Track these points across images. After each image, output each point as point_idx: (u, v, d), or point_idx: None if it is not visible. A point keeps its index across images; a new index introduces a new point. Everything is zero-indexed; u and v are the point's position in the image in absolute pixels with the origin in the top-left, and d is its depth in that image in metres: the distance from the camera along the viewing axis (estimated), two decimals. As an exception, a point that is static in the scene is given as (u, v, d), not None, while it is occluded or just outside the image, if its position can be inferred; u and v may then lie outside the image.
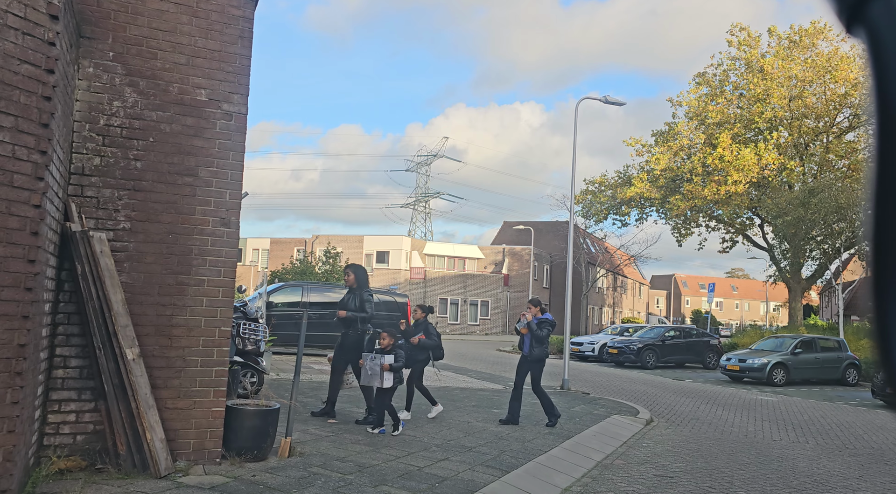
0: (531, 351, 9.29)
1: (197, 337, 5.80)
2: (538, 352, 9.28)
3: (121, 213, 5.60)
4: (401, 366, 7.95)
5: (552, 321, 9.48)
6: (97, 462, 5.30)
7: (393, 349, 7.96)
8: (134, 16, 5.66)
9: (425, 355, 9.21)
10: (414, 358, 8.99)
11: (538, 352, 9.28)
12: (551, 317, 9.57)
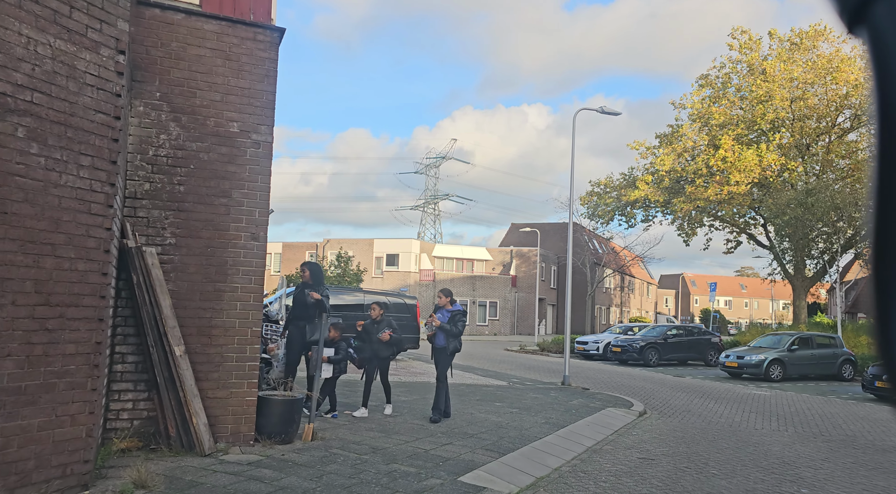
0: (448, 343, 9.31)
1: (232, 337, 6.73)
2: (454, 345, 9.34)
3: (167, 231, 6.54)
4: (340, 359, 8.62)
5: (463, 311, 9.56)
6: (151, 442, 6.23)
7: (336, 343, 8.69)
8: (177, 61, 6.59)
9: (390, 351, 9.40)
10: (380, 354, 9.23)
11: (454, 345, 9.34)
12: (461, 308, 9.61)
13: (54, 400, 4.71)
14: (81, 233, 4.91)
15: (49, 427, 4.67)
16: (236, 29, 6.81)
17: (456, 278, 47.92)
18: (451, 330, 9.25)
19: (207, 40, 6.71)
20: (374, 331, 9.20)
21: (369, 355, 9.25)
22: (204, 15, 6.70)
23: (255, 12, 6.94)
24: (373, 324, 9.29)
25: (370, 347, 9.21)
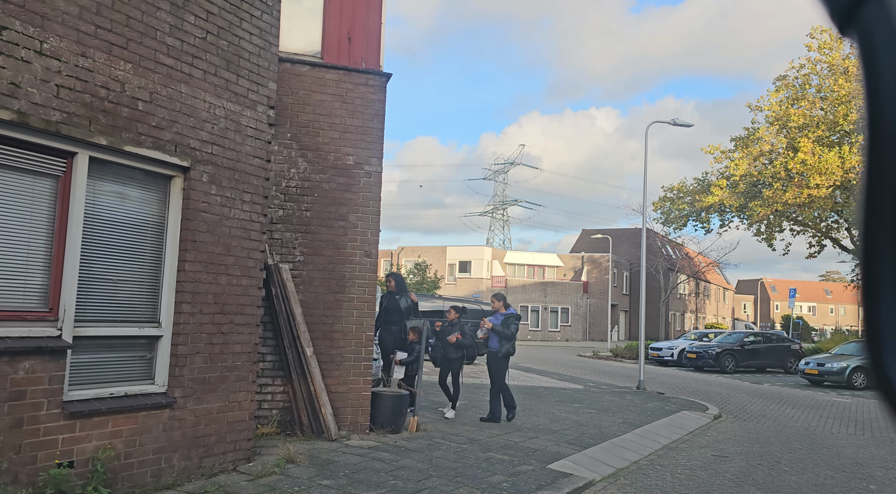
0: (501, 347, 9.61)
1: (350, 340, 7.85)
2: (507, 348, 9.61)
3: (297, 250, 7.74)
4: (412, 361, 9.10)
5: (517, 315, 9.95)
6: (287, 429, 7.42)
7: (411, 345, 9.27)
8: (303, 106, 7.80)
9: (460, 353, 9.68)
10: (448, 356, 9.57)
11: (507, 348, 9.61)
12: (515, 312, 10.00)
13: (227, 389, 5.90)
14: (244, 256, 6.11)
15: (224, 411, 5.87)
16: (351, 76, 7.96)
17: (527, 284, 48.52)
18: (502, 332, 9.55)
19: (328, 87, 7.89)
20: (447, 334, 9.69)
21: (440, 355, 9.80)
22: (325, 66, 7.89)
23: (367, 61, 8.08)
24: (448, 327, 9.77)
25: (442, 348, 9.78)
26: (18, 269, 4.56)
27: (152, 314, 5.47)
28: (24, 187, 4.60)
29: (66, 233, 4.78)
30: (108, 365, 5.14)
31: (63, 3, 4.62)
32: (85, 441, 4.74)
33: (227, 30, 5.92)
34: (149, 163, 5.31)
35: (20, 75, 4.38)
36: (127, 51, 5.06)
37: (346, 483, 5.79)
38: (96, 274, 5.04)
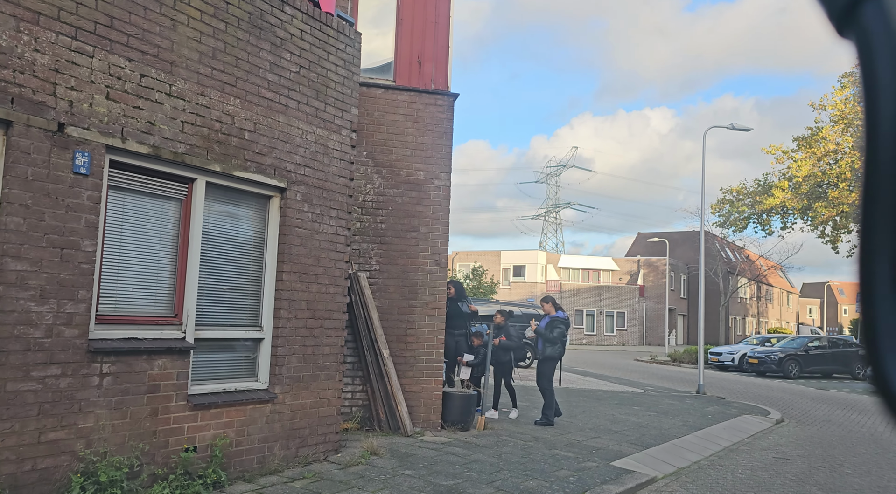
0: (544, 350, 9.93)
1: (422, 343, 8.43)
2: (551, 351, 9.87)
3: (373, 260, 8.37)
4: (478, 363, 9.48)
5: (564, 319, 10.15)
6: (366, 425, 8.05)
7: (476, 349, 9.71)
8: (378, 126, 8.44)
9: (508, 356, 10.00)
10: (497, 359, 9.87)
11: (551, 351, 9.87)
12: (563, 315, 10.21)
13: (318, 387, 6.56)
14: (332, 266, 6.76)
15: (316, 406, 6.52)
16: (421, 97, 8.57)
17: (582, 288, 48.40)
18: (545, 335, 9.87)
19: (400, 108, 8.51)
20: (495, 337, 9.98)
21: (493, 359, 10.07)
22: (397, 88, 8.52)
23: (436, 82, 8.67)
24: (496, 330, 10.07)
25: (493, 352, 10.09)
26: (152, 280, 5.30)
27: (255, 319, 6.17)
28: (156, 210, 5.35)
29: (188, 248, 5.51)
30: (220, 364, 5.85)
31: (187, 50, 5.35)
32: (205, 429, 5.45)
33: (317, 63, 6.59)
34: (253, 185, 6.02)
35: (155, 114, 5.12)
36: (236, 88, 5.78)
37: (426, 473, 6.35)
38: (211, 284, 5.76)
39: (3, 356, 4.22)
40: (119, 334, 4.97)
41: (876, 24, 0.54)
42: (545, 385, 9.90)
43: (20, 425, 4.29)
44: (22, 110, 4.32)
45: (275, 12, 6.14)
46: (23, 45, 4.34)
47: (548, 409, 9.74)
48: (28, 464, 4.32)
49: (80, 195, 4.64)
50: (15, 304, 4.29)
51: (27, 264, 4.35)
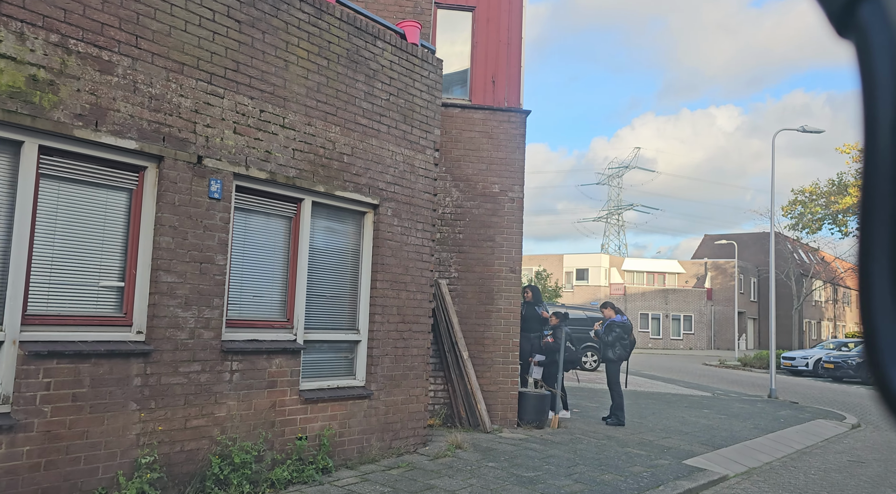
0: (604, 352, 10.44)
1: (499, 346, 8.97)
2: (611, 354, 10.27)
3: (452, 267, 8.97)
4: (548, 363, 9.82)
5: (621, 322, 10.41)
6: (448, 422, 8.64)
7: (547, 348, 10.03)
8: (455, 142, 9.05)
9: (553, 357, 10.07)
10: (549, 359, 10.13)
11: (611, 354, 10.27)
12: (620, 319, 10.47)
13: (408, 385, 7.19)
14: (418, 275, 7.39)
15: (406, 403, 7.16)
16: (495, 115, 9.12)
17: (647, 291, 47.82)
18: (602, 338, 10.44)
19: (476, 125, 9.09)
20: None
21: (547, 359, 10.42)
22: (473, 107, 9.10)
23: (509, 100, 9.21)
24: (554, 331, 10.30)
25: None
26: (268, 289, 6.05)
27: (353, 323, 6.85)
28: (271, 227, 6.10)
29: (297, 260, 6.23)
30: (324, 363, 6.55)
31: (296, 86, 6.09)
32: (313, 421, 6.15)
33: (405, 90, 7.25)
34: (350, 203, 6.71)
35: (271, 144, 5.87)
36: (336, 117, 6.48)
37: (508, 466, 6.88)
38: (316, 292, 6.47)
39: (158, 354, 5.01)
40: (244, 336, 5.72)
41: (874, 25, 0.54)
42: (613, 386, 10.29)
43: (171, 413, 5.07)
44: (171, 146, 5.12)
45: (368, 47, 6.82)
46: (171, 91, 5.13)
47: (618, 410, 10.10)
48: (178, 446, 5.09)
49: (213, 216, 5.41)
50: (167, 311, 5.08)
51: (175, 277, 5.14)
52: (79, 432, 4.53)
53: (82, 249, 4.81)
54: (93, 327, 4.79)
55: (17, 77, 4.28)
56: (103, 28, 4.72)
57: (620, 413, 10.06)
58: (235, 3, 5.59)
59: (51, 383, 4.41)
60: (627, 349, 10.50)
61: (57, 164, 4.62)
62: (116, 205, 5.01)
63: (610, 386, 10.22)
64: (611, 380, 10.20)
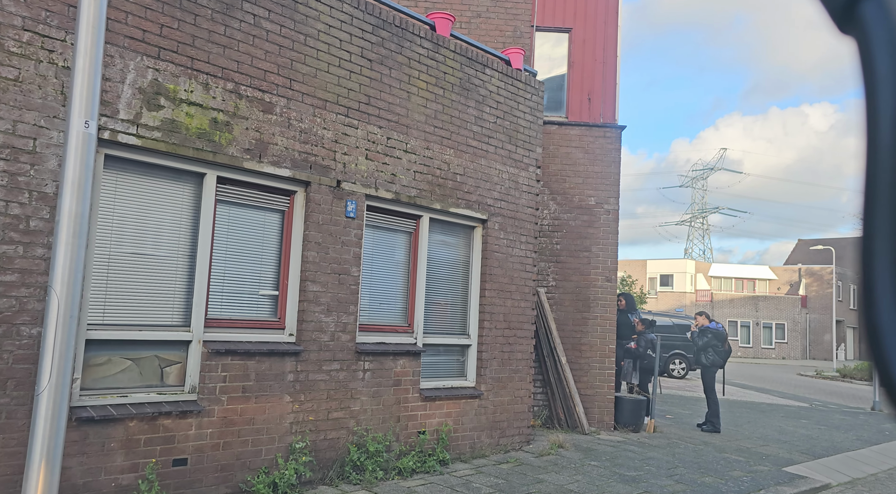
0: (698, 359, 10.75)
1: (595, 351, 9.36)
2: (704, 360, 10.58)
3: (550, 277, 9.44)
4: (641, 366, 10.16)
5: (715, 329, 10.54)
6: (547, 423, 9.11)
7: (631, 352, 10.24)
8: (552, 158, 9.53)
9: (630, 362, 10.44)
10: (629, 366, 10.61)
11: (704, 360, 10.58)
12: (714, 326, 10.63)
13: (513, 387, 7.72)
14: (522, 284, 7.92)
15: (511, 404, 7.69)
16: (591, 130, 9.54)
17: (735, 298, 46.31)
18: (696, 342, 10.79)
19: (572, 141, 9.54)
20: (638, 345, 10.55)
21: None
22: (570, 123, 9.56)
23: (604, 116, 9.60)
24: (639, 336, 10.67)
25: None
26: (394, 297, 6.75)
27: (464, 328, 7.46)
28: (395, 242, 6.79)
29: (416, 271, 6.90)
30: (440, 365, 7.18)
31: (417, 114, 6.77)
32: (431, 418, 6.79)
33: (510, 112, 7.81)
34: (462, 218, 7.32)
35: (396, 167, 6.56)
36: (450, 140, 7.12)
37: (610, 465, 7.28)
38: (432, 300, 7.12)
39: (306, 354, 5.77)
40: (373, 339, 6.42)
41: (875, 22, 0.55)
42: (708, 393, 10.45)
43: (316, 405, 5.82)
44: (316, 173, 5.89)
45: (478, 75, 7.43)
46: (316, 125, 5.90)
47: (713, 417, 10.24)
48: (322, 434, 5.84)
49: (349, 233, 6.14)
50: (312, 316, 5.83)
51: (319, 286, 5.89)
52: (247, 418, 5.33)
53: (246, 263, 5.64)
54: (255, 330, 5.60)
55: (203, 120, 5.14)
56: (265, 74, 5.54)
57: (716, 420, 10.20)
58: (367, 44, 6.33)
59: (226, 376, 5.23)
60: (722, 356, 10.66)
61: (229, 191, 5.46)
62: (272, 225, 5.82)
63: (706, 392, 10.39)
64: (706, 387, 10.38)
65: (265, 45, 5.54)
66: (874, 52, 0.55)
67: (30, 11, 4.28)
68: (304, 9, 5.83)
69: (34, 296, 4.26)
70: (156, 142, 4.87)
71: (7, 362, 4.13)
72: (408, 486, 5.88)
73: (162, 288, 5.07)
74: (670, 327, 22.06)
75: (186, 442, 4.96)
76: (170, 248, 5.14)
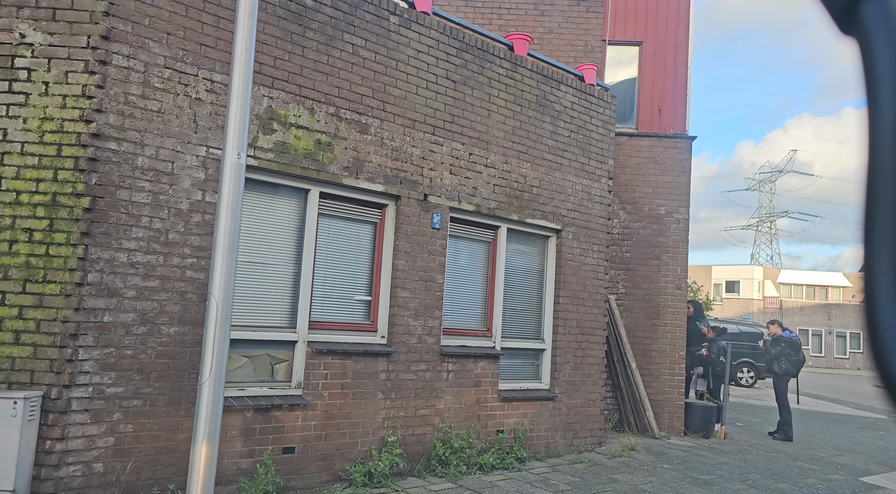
0: (771, 367, 10.68)
1: (665, 357, 9.53)
2: (777, 369, 10.54)
3: (620, 284, 9.68)
4: (701, 373, 10.16)
5: (788, 338, 10.43)
6: (617, 427, 9.34)
7: (703, 359, 10.22)
8: (623, 168, 9.76)
9: (703, 369, 10.41)
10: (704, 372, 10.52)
11: (777, 369, 10.54)
12: (788, 335, 10.51)
13: (585, 390, 8.01)
14: (594, 291, 8.21)
15: (584, 406, 7.98)
16: (661, 141, 9.73)
17: (806, 306, 44.75)
18: (768, 350, 10.85)
19: (642, 152, 9.75)
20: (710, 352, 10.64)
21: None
22: (640, 135, 9.77)
23: (675, 127, 9.77)
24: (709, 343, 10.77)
25: None
26: (474, 303, 7.17)
27: (538, 333, 7.80)
28: (475, 251, 7.21)
29: (495, 279, 7.30)
30: (516, 368, 7.56)
31: (496, 131, 7.17)
32: (509, 417, 7.16)
33: (583, 126, 8.12)
34: (538, 228, 7.68)
35: (477, 181, 6.98)
36: (527, 154, 7.49)
37: (682, 468, 7.48)
38: (508, 306, 7.50)
39: (396, 355, 6.24)
40: (455, 342, 6.85)
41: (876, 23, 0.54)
42: (781, 401, 10.45)
43: (405, 402, 6.28)
44: (405, 187, 6.37)
45: (553, 91, 7.78)
46: (406, 143, 6.39)
47: (786, 425, 10.22)
48: (410, 430, 6.30)
49: (435, 243, 6.60)
50: (402, 320, 6.31)
51: (408, 292, 6.36)
52: (345, 413, 5.84)
53: (343, 270, 6.17)
54: (350, 332, 6.11)
55: (309, 142, 5.69)
56: (362, 98, 6.06)
57: (788, 428, 10.18)
58: (452, 66, 6.78)
59: (327, 374, 5.75)
60: (795, 365, 10.62)
61: (329, 206, 6.00)
62: (365, 236, 6.33)
63: (778, 401, 10.38)
64: (779, 396, 10.38)
65: (362, 72, 6.07)
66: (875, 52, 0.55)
67: (170, 51, 4.91)
68: (396, 36, 6.33)
69: (171, 300, 4.87)
70: (269, 162, 5.44)
71: (151, 357, 4.75)
72: (489, 480, 6.27)
73: (272, 294, 5.64)
74: (738, 335, 21.73)
75: (294, 433, 5.50)
76: (279, 257, 5.71)
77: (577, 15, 9.61)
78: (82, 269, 4.47)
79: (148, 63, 4.80)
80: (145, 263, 4.75)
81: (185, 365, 4.91)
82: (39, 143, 4.51)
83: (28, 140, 4.51)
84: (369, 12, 6.14)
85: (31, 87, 4.54)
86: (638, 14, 9.97)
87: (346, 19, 5.97)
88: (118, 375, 4.60)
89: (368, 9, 6.14)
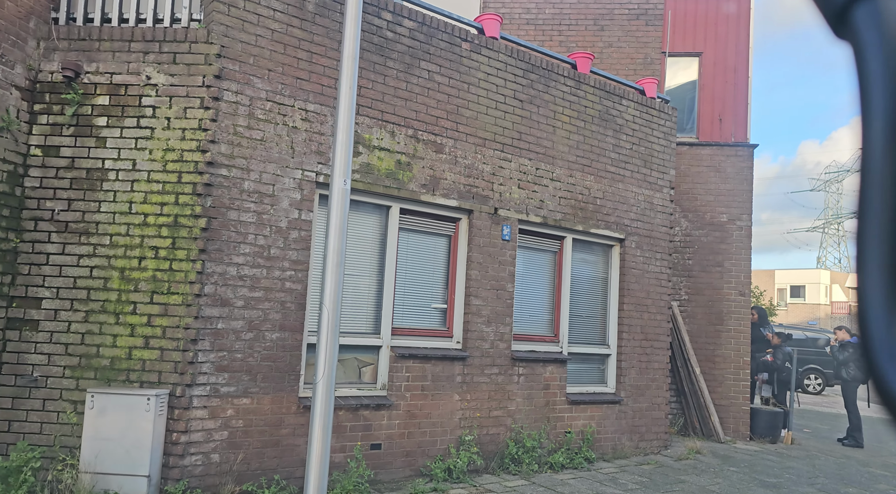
0: (839, 373, 10.63)
1: (729, 363, 9.64)
2: (843, 373, 10.51)
3: (682, 291, 9.84)
4: (766, 379, 10.18)
5: (855, 344, 10.13)
6: (681, 431, 9.50)
7: (768, 365, 10.22)
8: (684, 177, 9.94)
9: (768, 375, 10.50)
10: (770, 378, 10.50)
11: (843, 373, 10.51)
12: (856, 341, 10.23)
13: (650, 394, 8.24)
14: (657, 298, 8.43)
15: (649, 410, 8.21)
16: (722, 150, 9.87)
17: (878, 311, 42.92)
18: (836, 355, 10.85)
19: (703, 160, 9.91)
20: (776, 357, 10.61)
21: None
22: (701, 144, 9.94)
23: (735, 136, 9.90)
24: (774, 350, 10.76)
25: None
26: (542, 311, 7.52)
27: (603, 339, 8.09)
28: (543, 261, 7.58)
29: (561, 287, 7.64)
30: (583, 372, 7.86)
31: (561, 146, 7.53)
32: (577, 419, 7.47)
33: (644, 139, 8.39)
34: (601, 238, 7.98)
35: (543, 194, 7.35)
36: (590, 167, 7.81)
37: (749, 471, 7.62)
38: (574, 312, 7.82)
39: (471, 359, 6.66)
40: (525, 347, 7.22)
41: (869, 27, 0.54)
42: (850, 407, 10.38)
43: (479, 404, 6.69)
44: (477, 202, 6.80)
45: (615, 106, 8.09)
46: (477, 161, 6.82)
47: (855, 431, 10.15)
48: (485, 430, 6.70)
49: (505, 254, 6.99)
50: (475, 326, 6.73)
51: (480, 300, 6.78)
52: (425, 413, 6.29)
53: (421, 280, 6.63)
54: (428, 337, 6.56)
55: (390, 162, 6.19)
56: (437, 120, 6.52)
57: (858, 434, 10.11)
58: (519, 87, 7.19)
59: (409, 376, 6.22)
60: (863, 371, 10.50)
61: (408, 221, 6.48)
62: (440, 248, 6.79)
63: (847, 407, 10.32)
64: (847, 402, 10.31)
65: (437, 95, 6.54)
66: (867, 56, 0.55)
67: (271, 85, 5.48)
68: (467, 61, 6.78)
69: (273, 309, 5.42)
70: (356, 182, 5.95)
71: (257, 359, 5.31)
72: (560, 479, 6.61)
73: (359, 302, 6.15)
74: (804, 340, 21.27)
75: (380, 430, 5.98)
76: (364, 269, 6.21)
77: (636, 28, 9.87)
78: (200, 282, 5.06)
79: (253, 97, 5.39)
80: (251, 276, 5.32)
81: (285, 367, 5.46)
82: (163, 171, 5.14)
83: (153, 168, 5.15)
84: (443, 40, 6.61)
85: (155, 123, 5.18)
86: (697, 24, 10.14)
87: (423, 48, 6.46)
88: (230, 376, 5.17)
89: (442, 37, 6.61)
